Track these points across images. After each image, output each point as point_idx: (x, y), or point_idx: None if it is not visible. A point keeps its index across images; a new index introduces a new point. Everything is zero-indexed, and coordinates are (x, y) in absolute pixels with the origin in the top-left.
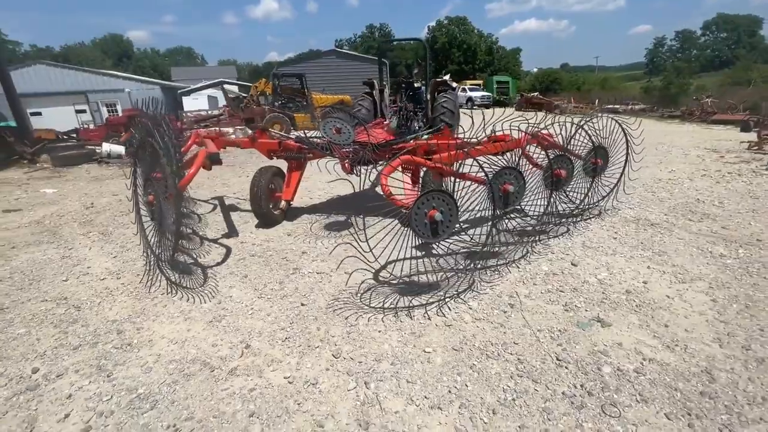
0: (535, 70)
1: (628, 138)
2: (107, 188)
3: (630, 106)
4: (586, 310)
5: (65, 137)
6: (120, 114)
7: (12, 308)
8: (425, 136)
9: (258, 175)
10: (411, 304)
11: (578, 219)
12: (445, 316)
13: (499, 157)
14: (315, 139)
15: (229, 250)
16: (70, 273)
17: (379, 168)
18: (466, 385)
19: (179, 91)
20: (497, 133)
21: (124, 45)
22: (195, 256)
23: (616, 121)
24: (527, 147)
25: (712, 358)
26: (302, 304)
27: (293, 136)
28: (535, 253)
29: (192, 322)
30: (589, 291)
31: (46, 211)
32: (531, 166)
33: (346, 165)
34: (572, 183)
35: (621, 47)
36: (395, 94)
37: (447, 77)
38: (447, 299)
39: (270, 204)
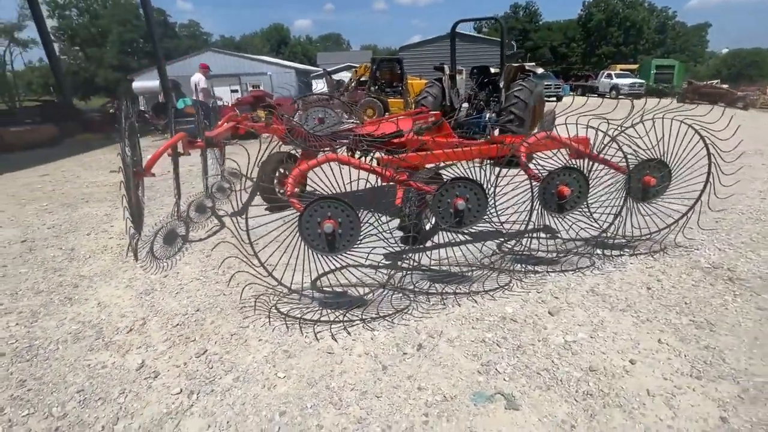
0: (725, 50)
1: (710, 151)
2: (194, 159)
3: None
4: (505, 380)
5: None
6: (247, 95)
7: (38, 250)
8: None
9: (267, 160)
10: (318, 318)
11: (616, 252)
12: (336, 341)
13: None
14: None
15: (222, 228)
16: (96, 228)
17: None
18: (278, 429)
19: (312, 75)
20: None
21: (284, 33)
22: (189, 229)
23: (692, 127)
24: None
25: None
26: (223, 294)
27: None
28: (514, 289)
29: (128, 290)
30: (537, 354)
31: None
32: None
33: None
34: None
35: None
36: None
37: (532, 64)
38: (355, 322)
39: (279, 188)
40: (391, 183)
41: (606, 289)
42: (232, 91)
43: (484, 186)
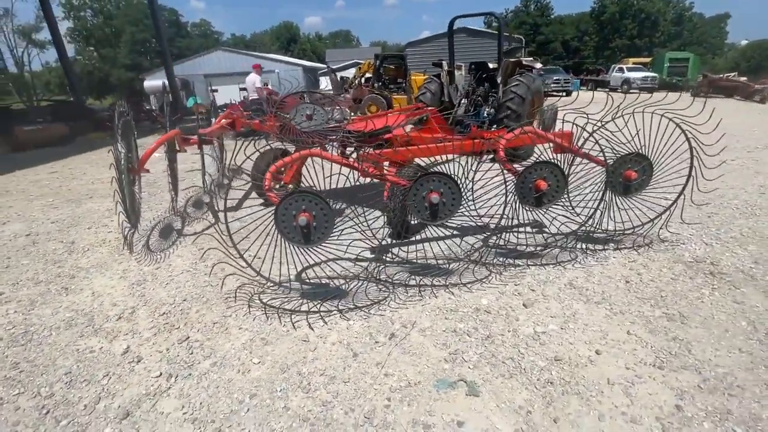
0: (744, 42)
1: (692, 145)
2: (195, 156)
3: None
4: (470, 368)
5: (214, 110)
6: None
7: (40, 243)
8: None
9: (260, 157)
10: (297, 308)
11: (600, 247)
12: (313, 329)
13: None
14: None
15: (216, 223)
16: (96, 223)
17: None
18: (246, 411)
19: (319, 72)
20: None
21: (293, 30)
22: (184, 223)
23: (673, 120)
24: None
25: None
26: (210, 285)
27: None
28: (492, 282)
29: (121, 281)
30: (505, 344)
31: None
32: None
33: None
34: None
35: None
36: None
37: (530, 59)
38: (332, 312)
39: (274, 183)
40: (367, 176)
41: (584, 282)
42: (241, 89)
43: (462, 180)
